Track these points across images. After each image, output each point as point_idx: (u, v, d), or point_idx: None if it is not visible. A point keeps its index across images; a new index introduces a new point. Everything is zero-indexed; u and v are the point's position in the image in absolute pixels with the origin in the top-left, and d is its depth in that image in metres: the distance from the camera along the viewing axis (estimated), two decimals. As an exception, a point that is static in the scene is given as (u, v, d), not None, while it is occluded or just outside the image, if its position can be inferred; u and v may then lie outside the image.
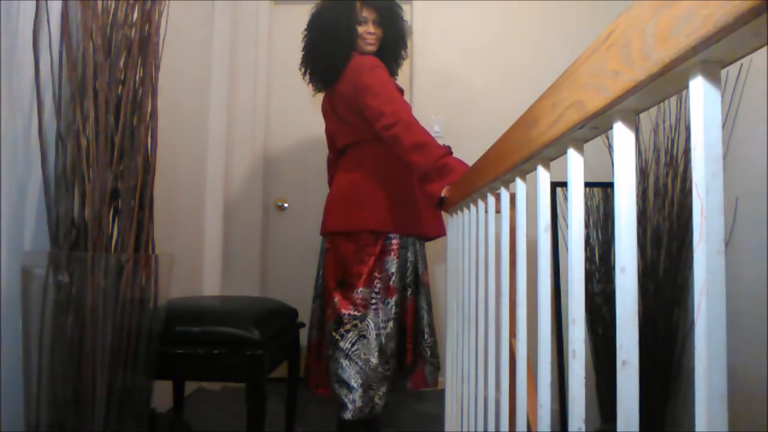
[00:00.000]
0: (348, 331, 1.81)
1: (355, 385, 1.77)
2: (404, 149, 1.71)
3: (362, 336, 1.81)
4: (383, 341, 1.82)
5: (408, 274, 1.94)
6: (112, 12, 1.32)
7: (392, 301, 1.86)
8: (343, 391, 1.78)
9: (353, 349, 1.80)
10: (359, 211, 1.90)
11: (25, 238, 1.33)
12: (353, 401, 1.76)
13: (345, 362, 1.80)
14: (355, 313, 1.82)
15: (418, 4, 2.89)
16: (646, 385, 2.18)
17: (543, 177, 0.69)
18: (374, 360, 1.79)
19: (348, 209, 1.91)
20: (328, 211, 1.98)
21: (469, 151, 2.58)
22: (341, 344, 1.81)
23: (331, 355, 1.84)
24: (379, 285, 1.86)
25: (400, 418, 2.28)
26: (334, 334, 1.84)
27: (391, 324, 1.84)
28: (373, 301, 1.84)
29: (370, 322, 1.82)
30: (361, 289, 1.84)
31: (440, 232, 2.03)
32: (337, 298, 1.86)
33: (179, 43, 2.30)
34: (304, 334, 2.07)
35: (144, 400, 1.32)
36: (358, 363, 1.79)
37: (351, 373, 1.78)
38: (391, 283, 1.87)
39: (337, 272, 1.90)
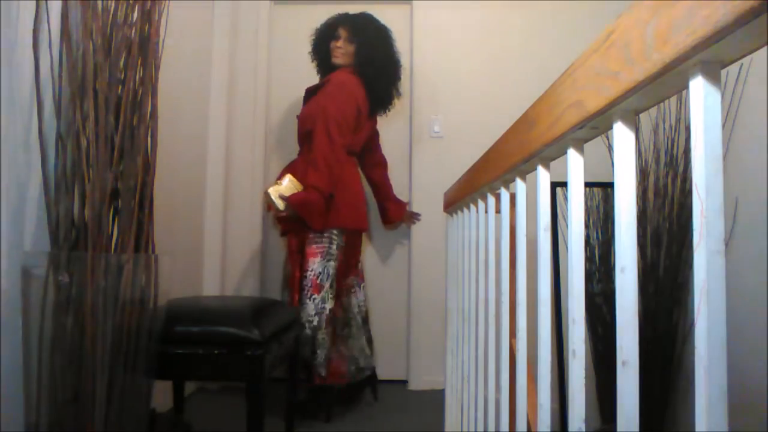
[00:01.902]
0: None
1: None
2: None
3: None
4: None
5: None
6: (112, 12, 1.32)
7: None
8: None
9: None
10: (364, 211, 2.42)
11: (25, 238, 1.33)
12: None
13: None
14: None
15: (418, 4, 2.89)
16: (646, 385, 2.18)
17: (543, 177, 0.69)
18: None
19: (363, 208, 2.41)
20: (362, 209, 2.37)
21: (469, 151, 2.59)
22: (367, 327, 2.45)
23: (359, 336, 2.39)
24: None
25: (397, 418, 2.28)
26: (364, 325, 2.42)
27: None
28: None
29: None
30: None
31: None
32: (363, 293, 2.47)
33: (179, 43, 2.30)
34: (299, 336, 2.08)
35: (144, 400, 1.32)
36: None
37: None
38: None
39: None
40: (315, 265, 2.20)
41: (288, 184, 2.19)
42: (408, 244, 2.85)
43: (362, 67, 2.33)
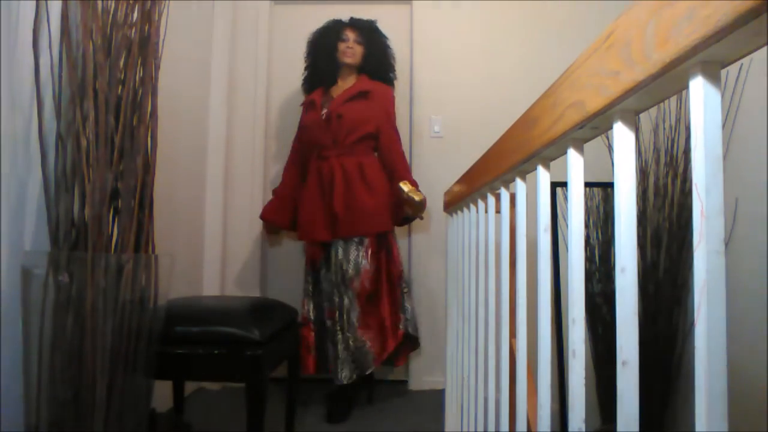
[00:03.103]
0: None
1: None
2: None
3: None
4: None
5: None
6: (112, 12, 1.32)
7: None
8: None
9: None
10: None
11: (25, 238, 1.33)
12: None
13: None
14: None
15: (418, 4, 2.89)
16: (646, 385, 2.18)
17: (543, 177, 0.69)
18: None
19: None
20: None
21: (469, 151, 2.59)
22: None
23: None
24: None
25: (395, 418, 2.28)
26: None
27: None
28: None
29: None
30: None
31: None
32: None
33: (179, 43, 2.30)
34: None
35: (144, 400, 1.32)
36: None
37: None
38: None
39: None
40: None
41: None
42: (408, 244, 2.85)
43: (369, 68, 2.48)
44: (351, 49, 2.46)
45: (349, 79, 2.50)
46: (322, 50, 2.49)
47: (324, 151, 2.40)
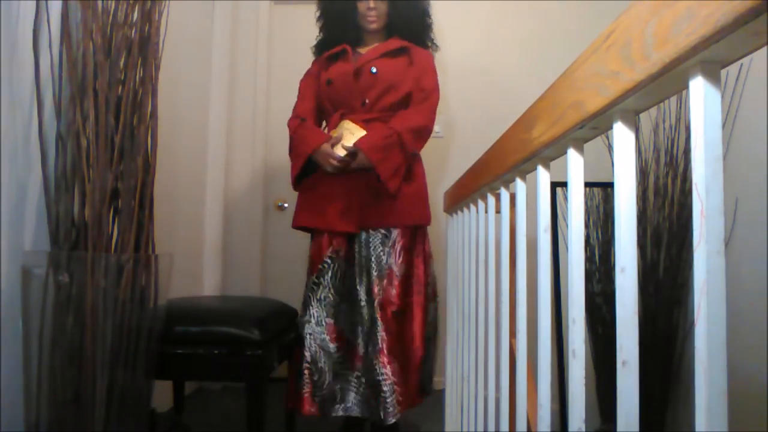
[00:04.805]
0: None
1: None
2: None
3: None
4: None
5: None
6: (112, 12, 1.32)
7: None
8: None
9: None
10: None
11: (25, 238, 1.33)
12: None
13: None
14: None
15: (418, 4, 2.89)
16: (646, 385, 2.18)
17: (543, 177, 0.69)
18: None
19: None
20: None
21: (469, 151, 2.59)
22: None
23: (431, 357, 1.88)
24: None
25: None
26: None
27: None
28: None
29: None
30: None
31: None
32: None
33: (179, 43, 2.30)
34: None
35: (144, 400, 1.32)
36: None
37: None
38: None
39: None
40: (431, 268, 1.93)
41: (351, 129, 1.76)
42: (408, 244, 2.85)
43: (398, 28, 1.95)
44: (373, 11, 1.90)
45: (376, 45, 1.97)
46: (337, 14, 1.97)
47: (349, 114, 1.87)
